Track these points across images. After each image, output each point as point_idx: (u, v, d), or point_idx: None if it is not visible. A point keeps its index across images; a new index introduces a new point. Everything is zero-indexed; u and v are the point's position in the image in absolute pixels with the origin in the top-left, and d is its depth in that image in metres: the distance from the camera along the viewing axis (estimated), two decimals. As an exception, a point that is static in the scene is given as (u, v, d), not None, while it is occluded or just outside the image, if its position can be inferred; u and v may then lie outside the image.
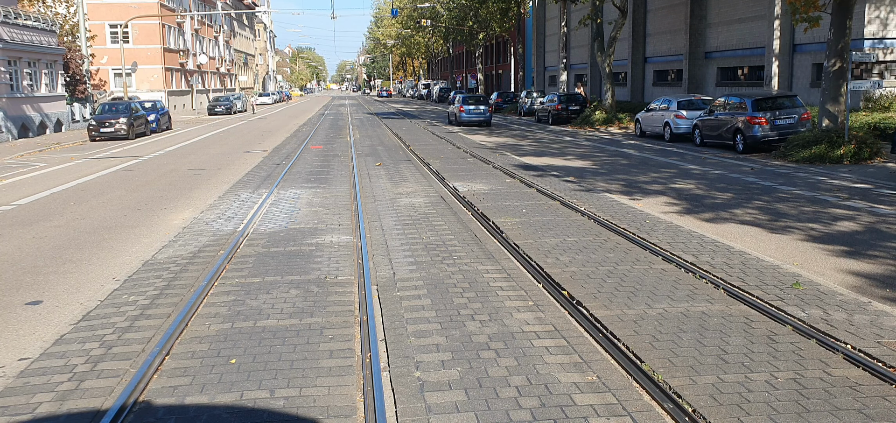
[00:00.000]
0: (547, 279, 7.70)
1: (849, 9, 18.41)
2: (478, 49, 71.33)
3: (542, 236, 9.87)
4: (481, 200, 12.86)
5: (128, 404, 4.88)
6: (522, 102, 46.42)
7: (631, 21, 40.87)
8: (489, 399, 4.91)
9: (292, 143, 27.82)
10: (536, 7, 59.27)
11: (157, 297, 7.37)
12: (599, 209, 11.91)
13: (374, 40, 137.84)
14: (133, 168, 19.98)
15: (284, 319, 6.62)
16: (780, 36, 29.12)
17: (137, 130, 31.93)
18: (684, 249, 9.01)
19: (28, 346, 6.17)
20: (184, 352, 5.85)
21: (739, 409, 4.72)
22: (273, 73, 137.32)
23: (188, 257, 9.04)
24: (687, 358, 5.56)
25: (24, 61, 32.89)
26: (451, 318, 6.53)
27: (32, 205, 13.83)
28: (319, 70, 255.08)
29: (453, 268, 8.26)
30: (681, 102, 25.53)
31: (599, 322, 6.31)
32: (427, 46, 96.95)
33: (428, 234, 10.17)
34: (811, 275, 7.84)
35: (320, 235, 10.29)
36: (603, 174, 16.81)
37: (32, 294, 7.78)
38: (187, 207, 13.12)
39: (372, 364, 5.44)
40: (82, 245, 10.17)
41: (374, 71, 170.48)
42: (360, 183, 15.54)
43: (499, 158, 20.35)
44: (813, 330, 6.07)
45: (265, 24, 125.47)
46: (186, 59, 65.28)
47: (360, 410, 4.81)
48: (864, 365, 5.34)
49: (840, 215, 11.27)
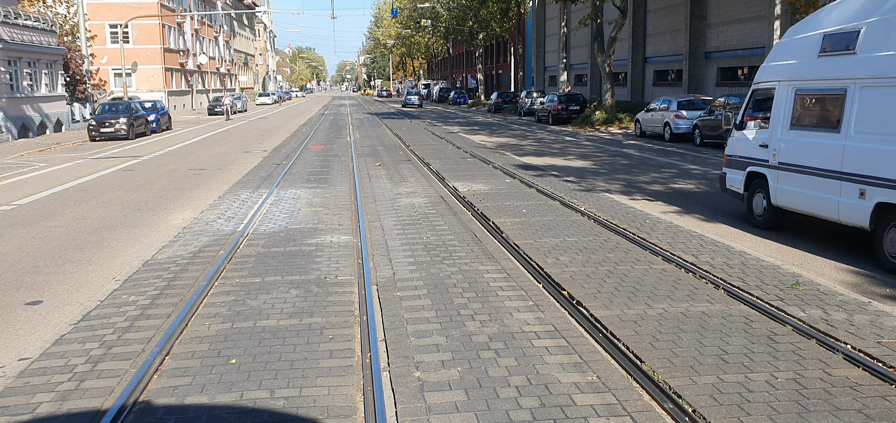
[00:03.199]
0: (547, 279, 7.70)
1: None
2: (478, 49, 71.38)
3: (543, 236, 9.88)
4: (481, 200, 12.87)
5: (128, 404, 4.88)
6: (522, 102, 46.44)
7: (631, 21, 40.88)
8: (489, 399, 4.91)
9: (292, 143, 27.82)
10: (536, 7, 59.26)
11: (157, 297, 7.37)
12: (599, 209, 11.91)
13: (374, 40, 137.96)
14: (133, 168, 19.99)
15: (284, 319, 6.62)
16: (780, 36, 29.12)
17: (137, 130, 31.93)
18: (684, 249, 9.02)
19: (28, 346, 6.17)
20: (184, 352, 5.85)
21: (739, 409, 4.72)
22: (273, 73, 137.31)
23: (188, 257, 9.04)
24: (687, 358, 5.56)
25: (24, 61, 32.90)
26: (451, 318, 6.53)
27: (32, 205, 13.84)
28: (319, 70, 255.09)
29: (453, 268, 8.26)
30: (681, 103, 25.55)
31: (599, 322, 6.31)
32: (427, 46, 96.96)
33: (428, 234, 10.17)
34: (811, 275, 7.85)
35: (320, 235, 10.29)
36: (603, 174, 16.81)
37: (32, 294, 7.78)
38: (187, 207, 13.13)
39: (372, 364, 5.44)
40: (82, 245, 10.18)
41: (374, 71, 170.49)
42: (360, 183, 15.54)
43: (499, 158, 20.35)
44: (813, 330, 6.08)
45: (265, 25, 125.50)
46: (186, 60, 65.30)
47: (360, 410, 4.81)
48: (865, 365, 5.34)
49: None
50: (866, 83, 8.31)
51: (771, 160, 10.03)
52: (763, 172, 10.22)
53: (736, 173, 10.97)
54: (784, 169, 9.74)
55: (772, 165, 10.02)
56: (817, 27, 9.48)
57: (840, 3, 9.31)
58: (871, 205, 8.17)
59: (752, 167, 10.48)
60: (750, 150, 10.58)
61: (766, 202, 10.22)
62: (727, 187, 11.31)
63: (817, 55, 9.26)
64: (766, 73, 10.47)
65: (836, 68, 8.86)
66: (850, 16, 8.89)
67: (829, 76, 8.96)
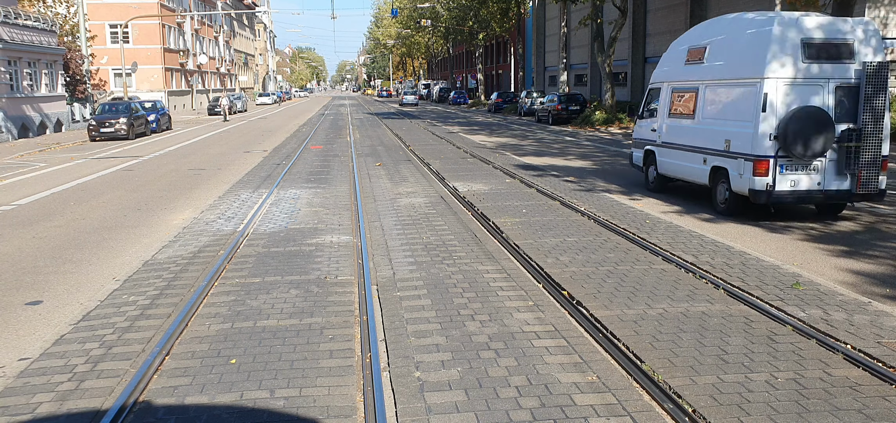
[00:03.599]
0: (547, 279, 7.70)
1: (849, 9, 18.40)
2: (478, 49, 71.38)
3: (543, 236, 9.88)
4: (481, 201, 12.87)
5: (128, 404, 4.88)
6: (522, 102, 46.43)
7: (631, 21, 40.88)
8: (489, 399, 4.91)
9: (292, 143, 27.82)
10: (536, 7, 59.26)
11: (157, 297, 7.37)
12: (599, 209, 11.91)
13: (374, 40, 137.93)
14: (133, 168, 19.99)
15: (284, 319, 6.62)
16: (780, 36, 29.07)
17: (137, 130, 31.94)
18: (684, 249, 9.02)
19: (28, 346, 6.17)
20: (184, 352, 5.85)
21: (739, 409, 4.72)
22: (273, 73, 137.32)
23: (188, 258, 9.04)
24: (687, 358, 5.56)
25: (24, 61, 32.90)
26: (451, 318, 6.53)
27: (32, 205, 13.84)
28: (319, 70, 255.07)
29: (453, 268, 8.26)
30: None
31: (599, 322, 6.31)
32: (427, 46, 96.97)
33: (428, 234, 10.17)
34: (811, 275, 7.85)
35: (320, 235, 10.29)
36: (603, 174, 16.81)
37: (32, 294, 7.78)
38: (187, 207, 13.13)
39: (372, 364, 5.44)
40: (82, 245, 10.18)
41: (374, 71, 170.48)
42: (360, 183, 15.54)
43: (499, 158, 20.35)
44: (813, 330, 6.08)
45: (265, 25, 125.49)
46: (186, 60, 65.30)
47: (360, 410, 4.81)
48: (864, 365, 5.34)
49: (841, 215, 11.28)
50: (708, 83, 11.81)
51: (657, 140, 13.51)
52: (653, 149, 13.74)
53: (638, 151, 14.51)
54: (665, 146, 13.25)
55: (658, 143, 13.51)
56: (685, 43, 12.96)
57: (698, 26, 13.14)
58: (708, 169, 11.65)
59: (647, 146, 13.98)
60: (646, 134, 14.05)
61: (655, 172, 13.79)
62: (633, 163, 14.98)
63: (684, 63, 12.74)
64: (656, 76, 13.93)
65: (693, 73, 12.35)
66: (702, 35, 12.48)
67: (690, 79, 12.44)
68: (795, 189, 10.33)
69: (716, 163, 11.32)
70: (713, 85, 11.61)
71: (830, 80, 10.19)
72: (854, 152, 10.17)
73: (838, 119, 10.17)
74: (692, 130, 12.11)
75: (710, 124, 11.59)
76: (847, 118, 10.21)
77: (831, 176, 10.34)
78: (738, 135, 10.75)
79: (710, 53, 11.85)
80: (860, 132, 10.12)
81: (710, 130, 11.53)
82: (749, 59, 10.68)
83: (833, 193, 10.42)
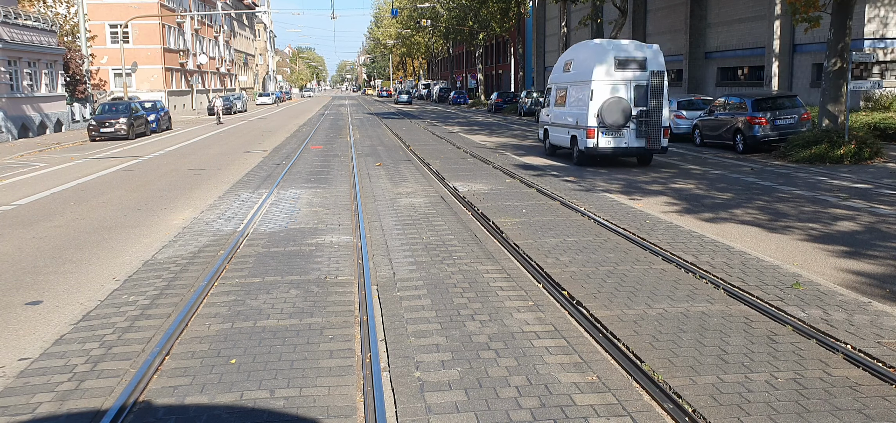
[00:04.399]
0: (547, 279, 7.70)
1: (849, 9, 18.41)
2: (478, 49, 71.35)
3: (542, 236, 9.88)
4: (481, 201, 12.87)
5: (128, 404, 4.88)
6: (522, 102, 46.37)
7: (631, 21, 40.85)
8: (489, 399, 4.91)
9: (292, 143, 27.83)
10: (536, 7, 59.25)
11: (157, 297, 7.37)
12: (599, 209, 11.91)
13: (374, 40, 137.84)
14: (133, 168, 19.99)
15: (284, 319, 6.62)
16: (780, 36, 29.12)
17: (137, 130, 31.94)
18: (684, 249, 9.02)
19: (28, 346, 6.17)
20: (184, 352, 5.85)
21: (739, 409, 4.72)
22: (273, 73, 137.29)
23: (188, 258, 9.04)
24: (687, 358, 5.56)
25: (24, 61, 32.90)
26: (451, 318, 6.53)
27: (32, 205, 13.84)
28: (319, 70, 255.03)
29: (453, 268, 8.26)
30: (681, 102, 25.52)
31: (599, 322, 6.31)
32: (427, 46, 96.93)
33: (428, 234, 10.17)
34: (811, 275, 7.84)
35: (320, 235, 10.29)
36: (603, 174, 16.81)
37: (32, 294, 7.78)
38: (187, 207, 13.13)
39: (372, 364, 5.44)
40: (82, 245, 10.18)
41: (374, 71, 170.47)
42: (360, 183, 15.54)
43: (499, 158, 20.36)
44: (813, 330, 6.08)
45: (265, 25, 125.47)
46: (186, 60, 65.30)
47: (360, 410, 4.81)
48: (864, 365, 5.34)
49: (840, 214, 11.28)
50: (571, 84, 18.55)
51: (548, 122, 20.70)
52: (547, 128, 20.85)
53: (541, 130, 21.75)
54: (551, 125, 20.34)
55: (548, 124, 20.66)
56: (564, 59, 19.54)
57: (571, 48, 19.79)
58: (569, 136, 18.66)
59: (545, 126, 21.14)
60: (544, 118, 21.31)
61: (549, 144, 20.88)
62: (539, 138, 23.04)
63: (562, 70, 19.32)
64: (549, 80, 20.51)
65: (565, 78, 19.03)
66: (572, 54, 19.09)
67: (564, 81, 19.13)
68: (611, 146, 17.16)
69: (572, 133, 18.32)
70: (573, 85, 18.35)
71: (631, 81, 16.87)
72: (645, 124, 16.86)
73: (636, 104, 16.84)
74: (563, 114, 19.14)
75: (570, 110, 18.50)
76: (641, 104, 16.86)
77: (633, 138, 17.08)
78: (580, 115, 17.63)
79: (573, 65, 18.58)
80: (649, 112, 16.77)
81: (570, 113, 18.54)
82: (586, 69, 17.33)
83: (635, 149, 17.34)
